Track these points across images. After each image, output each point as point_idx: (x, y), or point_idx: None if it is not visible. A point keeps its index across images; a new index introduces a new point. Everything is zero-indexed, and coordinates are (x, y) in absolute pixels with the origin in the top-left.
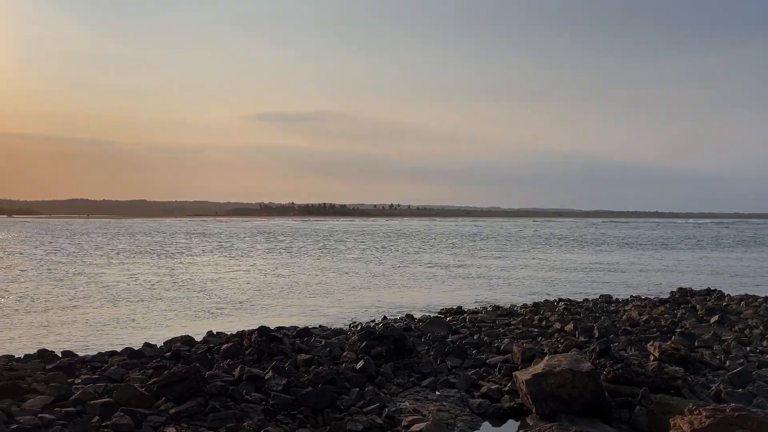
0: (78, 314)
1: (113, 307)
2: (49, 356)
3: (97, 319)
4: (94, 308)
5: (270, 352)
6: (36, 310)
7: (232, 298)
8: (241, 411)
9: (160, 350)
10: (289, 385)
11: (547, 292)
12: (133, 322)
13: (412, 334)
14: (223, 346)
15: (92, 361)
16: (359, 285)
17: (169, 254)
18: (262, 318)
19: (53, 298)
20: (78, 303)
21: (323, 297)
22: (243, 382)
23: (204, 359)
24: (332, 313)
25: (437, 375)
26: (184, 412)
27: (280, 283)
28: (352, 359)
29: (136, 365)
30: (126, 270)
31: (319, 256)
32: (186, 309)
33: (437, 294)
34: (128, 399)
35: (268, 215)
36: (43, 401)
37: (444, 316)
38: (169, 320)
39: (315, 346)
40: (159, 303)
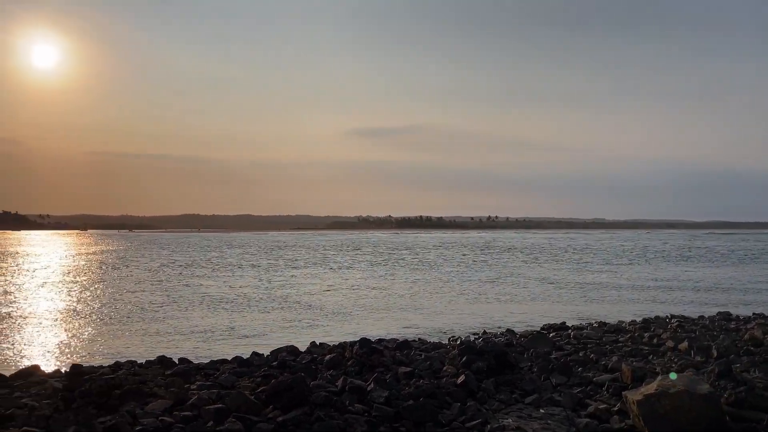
0: (187, 323)
1: (219, 317)
2: (167, 362)
3: (205, 328)
4: (201, 318)
5: (371, 364)
6: (150, 319)
7: (330, 310)
8: (345, 422)
9: (267, 359)
10: (391, 397)
11: (657, 308)
12: (237, 331)
13: (514, 349)
14: (326, 356)
15: (206, 368)
16: (456, 298)
17: (271, 267)
18: (358, 329)
19: (164, 307)
20: (186, 313)
21: (420, 310)
22: (346, 393)
23: (308, 369)
24: (429, 326)
25: (541, 392)
26: (291, 420)
27: (377, 296)
28: (453, 373)
29: (245, 373)
30: (231, 282)
31: (416, 268)
32: (286, 320)
33: (538, 309)
34: (239, 406)
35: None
36: (163, 405)
37: (546, 331)
38: (271, 330)
39: (415, 359)
40: (261, 314)
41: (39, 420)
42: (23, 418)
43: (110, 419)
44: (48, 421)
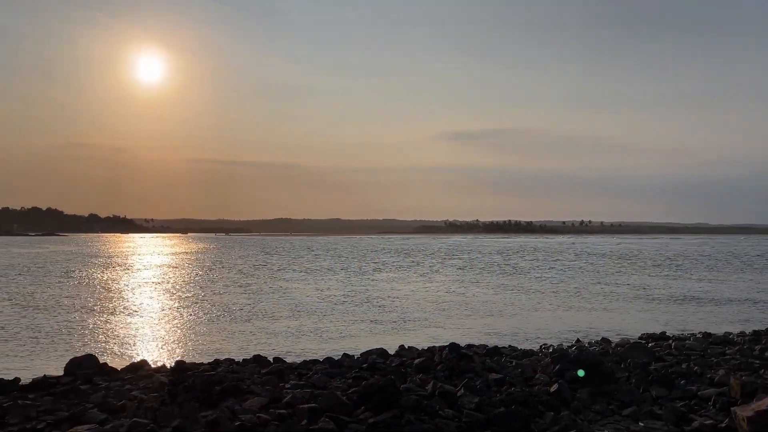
0: (277, 324)
1: (308, 319)
2: (262, 361)
3: (294, 329)
4: (290, 319)
5: (460, 369)
6: (243, 319)
7: (416, 314)
8: (435, 426)
9: (358, 361)
10: (482, 403)
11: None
12: (325, 333)
13: (610, 359)
14: (416, 360)
15: (298, 368)
16: (546, 305)
17: (358, 270)
18: (445, 334)
19: (256, 308)
20: (277, 314)
21: (508, 316)
22: (436, 398)
23: (398, 372)
24: (518, 333)
25: (640, 405)
26: (382, 422)
27: (463, 301)
28: (545, 382)
29: (336, 374)
30: (319, 284)
31: (504, 273)
32: (373, 322)
33: (634, 317)
34: (331, 406)
35: (453, 232)
36: (260, 402)
37: (645, 341)
38: (358, 333)
39: (505, 366)
40: (348, 316)
41: (147, 412)
42: (133, 410)
43: (211, 414)
44: (155, 413)
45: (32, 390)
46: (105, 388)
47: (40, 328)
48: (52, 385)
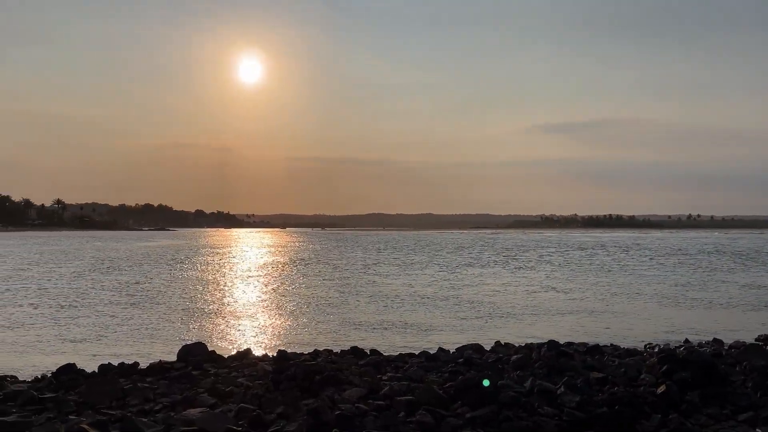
0: (371, 317)
1: (401, 312)
2: (359, 353)
3: (388, 322)
4: (384, 312)
5: (560, 367)
6: (338, 311)
7: (510, 310)
8: (534, 423)
9: (453, 356)
10: (583, 402)
11: None
12: (418, 326)
13: (723, 361)
14: (512, 357)
15: (395, 361)
16: (649, 303)
17: (450, 265)
18: (540, 331)
19: (351, 301)
20: (370, 307)
21: (608, 314)
22: (534, 395)
23: (494, 368)
24: (619, 331)
25: (758, 410)
26: (479, 417)
27: (560, 298)
28: (652, 383)
29: (432, 368)
30: (411, 279)
31: (603, 269)
32: (465, 318)
33: (748, 317)
34: (428, 399)
35: (550, 227)
36: (358, 393)
37: (762, 343)
38: (451, 327)
39: (608, 365)
40: (440, 311)
41: (253, 398)
42: (240, 396)
43: (313, 402)
44: (260, 400)
45: (149, 374)
46: (214, 374)
47: (154, 316)
48: (167, 369)
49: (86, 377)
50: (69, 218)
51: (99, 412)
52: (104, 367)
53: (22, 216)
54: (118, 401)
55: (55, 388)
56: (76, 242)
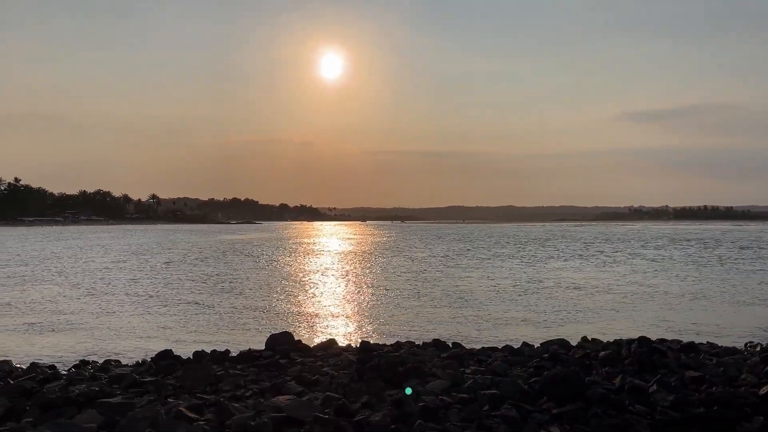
0: (448, 310)
1: (477, 306)
2: (441, 346)
3: (465, 315)
4: (460, 306)
5: (652, 364)
6: (415, 304)
7: (592, 305)
8: (624, 422)
9: (538, 351)
10: (678, 402)
11: None
12: (497, 320)
13: None
14: (601, 353)
15: (478, 354)
16: (747, 298)
17: (530, 258)
18: (625, 326)
19: (428, 294)
20: (447, 300)
21: (699, 311)
22: (624, 393)
23: (582, 364)
24: (712, 329)
25: None
26: (566, 414)
27: (648, 293)
28: (754, 383)
29: (516, 362)
30: (489, 272)
31: (695, 263)
32: (546, 312)
33: None
34: (513, 394)
35: (639, 219)
36: (441, 385)
37: None
38: (531, 321)
39: (704, 364)
40: (520, 304)
41: (338, 387)
42: (325, 385)
43: (396, 393)
44: (345, 389)
45: (240, 361)
46: (300, 363)
47: (241, 306)
48: (256, 358)
49: (182, 363)
50: (163, 212)
51: (195, 396)
52: (198, 354)
53: (121, 210)
54: (211, 386)
55: (155, 372)
56: (170, 234)
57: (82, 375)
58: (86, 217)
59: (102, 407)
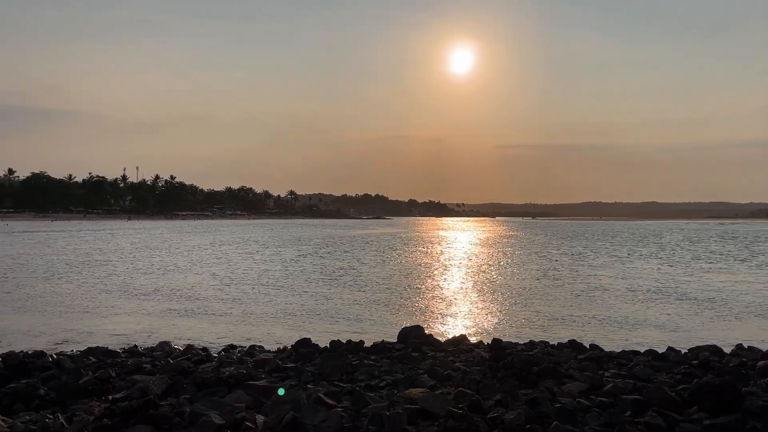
0: (579, 310)
1: (612, 307)
2: (578, 347)
3: (599, 316)
4: (592, 306)
5: None
6: (545, 304)
7: (745, 309)
8: None
9: (685, 356)
10: None
11: None
12: (634, 322)
13: None
14: (759, 362)
15: (618, 358)
16: None
17: (674, 259)
18: None
19: (556, 293)
20: (578, 299)
21: None
22: None
23: (737, 373)
24: None
25: None
26: (720, 426)
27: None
28: None
29: (661, 368)
30: (626, 272)
31: None
32: (689, 315)
33: None
34: (659, 400)
35: None
36: (579, 387)
37: None
38: (672, 325)
39: None
40: (660, 306)
41: (471, 383)
42: (457, 380)
43: (531, 392)
44: (478, 385)
45: (373, 352)
46: (432, 357)
47: (372, 298)
48: (389, 349)
49: (320, 351)
50: (300, 207)
51: (332, 383)
52: (335, 343)
53: (262, 205)
54: (347, 375)
55: (295, 359)
56: (306, 228)
57: (231, 358)
58: (231, 211)
59: (249, 389)
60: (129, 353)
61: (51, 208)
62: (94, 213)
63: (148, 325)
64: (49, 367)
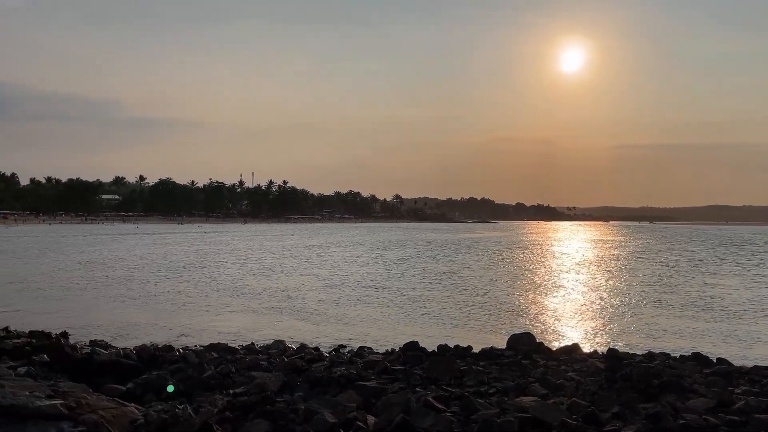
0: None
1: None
2: (703, 360)
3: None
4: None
5: None
6: (662, 314)
7: None
8: None
9: None
10: None
11: None
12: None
13: None
14: None
15: (750, 374)
16: None
17: None
18: None
19: (675, 303)
20: (699, 312)
21: None
22: None
23: None
24: None
25: None
26: None
27: None
28: None
29: None
30: (753, 282)
31: None
32: None
33: None
34: None
35: None
36: (705, 404)
37: None
38: None
39: None
40: None
41: (585, 394)
42: (571, 390)
43: (652, 407)
44: (593, 396)
45: (481, 358)
46: (543, 365)
47: (478, 303)
48: (497, 356)
49: (427, 355)
50: (405, 211)
51: (440, 387)
52: (442, 348)
53: (369, 209)
54: (456, 380)
55: (403, 361)
56: (411, 232)
57: (341, 358)
58: (340, 214)
59: (360, 389)
60: (247, 350)
61: (176, 211)
62: (213, 216)
63: (255, 322)
64: (177, 361)
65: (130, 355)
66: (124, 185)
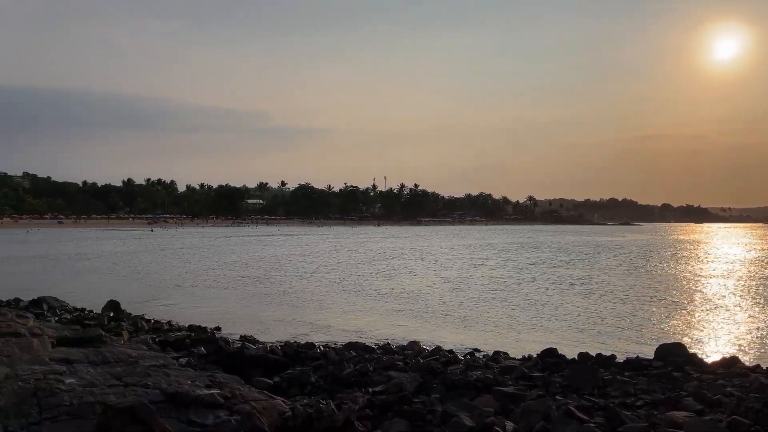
0: None
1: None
2: None
3: None
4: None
5: None
6: None
7: None
8: None
9: None
10: None
11: None
12: None
13: None
14: None
15: None
16: None
17: None
18: None
19: None
20: None
21: None
22: None
23: None
24: None
25: None
26: None
27: None
28: None
29: None
30: None
31: None
32: None
33: None
34: None
35: None
36: None
37: None
38: None
39: None
40: None
41: (748, 412)
42: (731, 407)
43: None
44: (757, 414)
45: (627, 368)
46: (697, 378)
47: (619, 310)
48: (645, 367)
49: (567, 363)
50: (539, 213)
51: (582, 397)
52: (583, 356)
53: (500, 211)
54: (599, 390)
55: (542, 368)
56: (545, 234)
57: (477, 362)
58: (470, 217)
59: (497, 395)
60: (383, 350)
61: (314, 214)
62: (348, 218)
63: (378, 322)
64: (318, 358)
65: (276, 350)
66: (267, 190)
